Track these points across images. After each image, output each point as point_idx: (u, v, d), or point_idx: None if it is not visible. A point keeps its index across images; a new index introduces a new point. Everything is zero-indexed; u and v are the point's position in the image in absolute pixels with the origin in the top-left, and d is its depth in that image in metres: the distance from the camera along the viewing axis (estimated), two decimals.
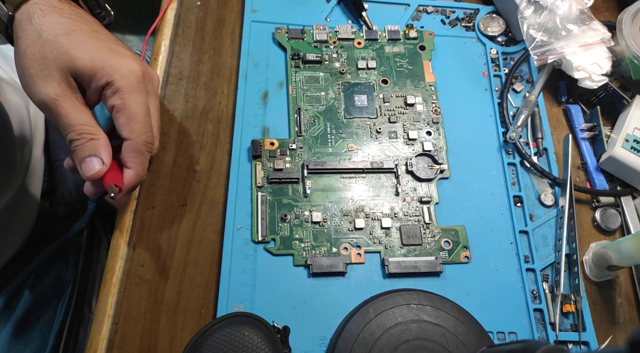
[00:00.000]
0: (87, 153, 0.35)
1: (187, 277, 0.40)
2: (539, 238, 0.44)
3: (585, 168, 0.48)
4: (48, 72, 0.33)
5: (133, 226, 0.41)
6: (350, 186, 0.43)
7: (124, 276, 0.39)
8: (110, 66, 0.34)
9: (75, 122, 0.34)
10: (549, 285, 0.42)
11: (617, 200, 0.46)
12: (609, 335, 0.42)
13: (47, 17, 0.34)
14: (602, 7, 0.56)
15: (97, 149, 0.35)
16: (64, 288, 0.55)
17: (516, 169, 0.46)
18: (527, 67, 0.51)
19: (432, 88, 0.48)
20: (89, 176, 0.35)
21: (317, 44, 0.48)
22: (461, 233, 0.43)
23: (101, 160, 0.35)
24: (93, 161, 0.35)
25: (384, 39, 0.50)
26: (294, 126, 0.45)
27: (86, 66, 0.34)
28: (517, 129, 0.46)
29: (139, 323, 0.38)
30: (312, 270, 0.40)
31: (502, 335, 0.40)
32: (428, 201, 0.43)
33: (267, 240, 0.41)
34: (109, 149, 0.36)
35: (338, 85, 0.47)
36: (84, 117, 0.35)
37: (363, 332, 0.36)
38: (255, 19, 0.49)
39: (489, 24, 0.51)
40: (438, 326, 0.37)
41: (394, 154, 0.45)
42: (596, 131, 0.48)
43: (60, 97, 0.34)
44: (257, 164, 0.43)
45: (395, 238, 0.42)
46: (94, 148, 0.35)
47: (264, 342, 0.34)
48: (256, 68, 0.47)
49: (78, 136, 0.34)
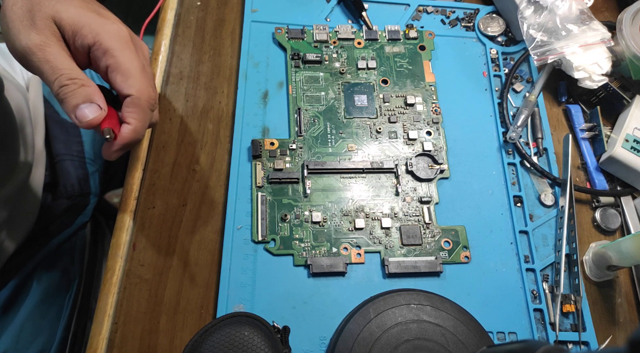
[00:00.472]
0: (81, 99, 0.33)
1: (187, 277, 0.40)
2: (539, 238, 0.44)
3: (585, 168, 0.48)
4: (32, 22, 0.33)
5: (133, 226, 0.41)
6: (350, 186, 0.43)
7: (124, 276, 0.39)
8: (96, 24, 0.33)
9: (62, 66, 0.33)
10: (549, 285, 0.42)
11: (617, 200, 0.46)
12: (609, 335, 0.42)
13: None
14: (602, 7, 0.56)
15: (91, 95, 0.34)
16: (70, 281, 0.56)
17: (516, 169, 0.46)
18: (527, 67, 0.51)
19: (432, 88, 0.48)
20: (87, 121, 0.33)
21: (317, 44, 0.48)
22: (461, 233, 0.43)
23: (98, 105, 0.34)
24: (90, 106, 0.33)
25: (384, 39, 0.50)
26: (294, 126, 0.45)
27: (71, 19, 0.33)
28: (517, 129, 0.46)
29: (139, 323, 0.38)
30: (312, 270, 0.40)
31: (502, 335, 0.40)
32: (428, 201, 0.43)
33: (267, 240, 0.41)
34: (102, 96, 0.34)
35: (338, 85, 0.47)
36: (70, 63, 0.34)
37: (363, 332, 0.36)
38: (255, 19, 0.49)
39: (489, 24, 0.51)
40: (438, 326, 0.37)
41: (394, 154, 0.45)
42: (596, 131, 0.48)
43: (45, 43, 0.33)
44: (257, 164, 0.43)
45: (395, 238, 0.42)
46: (87, 93, 0.33)
47: (264, 342, 0.34)
48: (256, 68, 0.47)
49: (68, 81, 0.33)
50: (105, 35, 0.34)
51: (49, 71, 0.33)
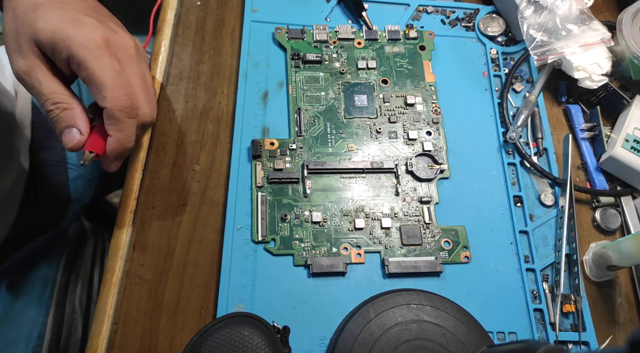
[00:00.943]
0: (64, 124, 0.35)
1: (187, 277, 0.40)
2: (539, 238, 0.44)
3: (585, 168, 0.48)
4: (19, 46, 0.34)
5: (133, 226, 0.41)
6: (350, 186, 0.43)
7: (124, 276, 0.39)
8: (68, 36, 0.34)
9: (47, 90, 0.34)
10: (549, 285, 0.42)
11: (617, 200, 0.46)
12: (609, 335, 0.42)
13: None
14: (602, 7, 0.56)
15: (73, 119, 0.35)
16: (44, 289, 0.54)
17: (516, 169, 0.46)
18: (527, 67, 0.51)
19: (432, 88, 0.48)
20: (69, 147, 0.35)
21: (317, 44, 0.48)
22: (461, 233, 0.43)
23: (78, 130, 0.35)
24: (72, 132, 0.35)
25: (384, 39, 0.50)
26: (294, 126, 0.45)
27: (47, 38, 0.34)
28: (517, 129, 0.46)
29: (139, 323, 0.38)
30: (312, 270, 0.40)
31: (502, 335, 0.40)
32: (428, 201, 0.43)
33: (267, 240, 0.41)
34: (84, 118, 0.36)
35: (338, 85, 0.47)
36: (55, 86, 0.35)
37: (363, 332, 0.36)
38: (255, 19, 0.49)
39: (489, 24, 0.51)
40: (438, 326, 0.37)
41: (394, 154, 0.45)
42: (596, 131, 0.48)
43: (30, 68, 0.34)
44: (257, 164, 0.43)
45: (395, 238, 0.42)
46: (69, 118, 0.35)
47: (264, 342, 0.34)
48: (256, 68, 0.47)
49: (52, 106, 0.35)
50: (76, 47, 0.34)
51: (37, 96, 0.35)
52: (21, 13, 0.34)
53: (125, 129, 0.36)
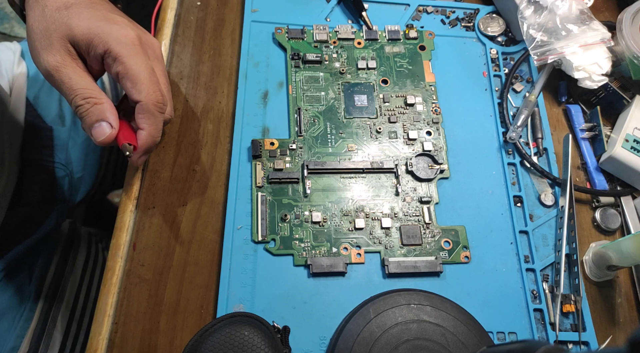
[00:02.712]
0: (95, 118, 0.36)
1: (187, 277, 0.40)
2: (539, 238, 0.44)
3: (585, 168, 0.48)
4: (49, 43, 0.35)
5: (133, 226, 0.41)
6: (350, 186, 0.43)
7: (124, 276, 0.39)
8: (105, 32, 0.35)
9: (77, 85, 0.35)
10: (549, 285, 0.42)
11: (617, 200, 0.46)
12: (609, 335, 0.42)
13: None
14: (602, 7, 0.56)
15: (103, 113, 0.36)
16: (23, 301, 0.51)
17: (516, 169, 0.46)
18: (527, 67, 0.51)
19: (432, 88, 0.48)
20: (100, 140, 0.36)
21: (317, 44, 0.48)
22: (461, 233, 0.43)
23: (109, 124, 0.36)
24: (102, 125, 0.36)
25: (384, 39, 0.50)
26: (294, 126, 0.45)
27: (82, 34, 0.35)
28: (517, 129, 0.46)
29: (139, 323, 0.38)
30: (312, 270, 0.40)
31: (502, 335, 0.40)
32: (428, 201, 0.43)
33: (267, 240, 0.41)
34: (114, 112, 0.37)
35: (338, 85, 0.47)
36: (85, 82, 0.36)
37: (363, 332, 0.36)
38: (255, 19, 0.49)
39: (489, 24, 0.51)
40: (438, 326, 0.37)
41: (394, 154, 0.45)
42: (596, 131, 0.48)
43: (60, 64, 0.35)
44: (257, 164, 0.43)
45: (395, 238, 0.42)
46: (100, 112, 0.36)
47: (264, 342, 0.34)
48: (256, 68, 0.47)
49: (82, 101, 0.35)
50: (113, 43, 0.35)
51: (66, 92, 0.36)
52: (52, 12, 0.35)
53: (156, 123, 0.37)
